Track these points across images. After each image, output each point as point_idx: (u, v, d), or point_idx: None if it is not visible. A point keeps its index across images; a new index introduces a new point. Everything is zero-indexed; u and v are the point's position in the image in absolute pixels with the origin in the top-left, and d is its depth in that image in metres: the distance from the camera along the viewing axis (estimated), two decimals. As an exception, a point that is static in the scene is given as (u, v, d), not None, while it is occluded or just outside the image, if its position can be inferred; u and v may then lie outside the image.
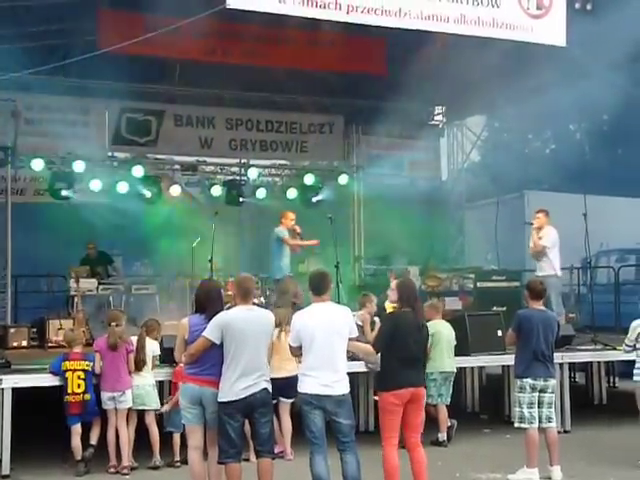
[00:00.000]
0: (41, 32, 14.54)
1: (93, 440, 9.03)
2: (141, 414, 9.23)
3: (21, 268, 15.20)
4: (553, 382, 8.65)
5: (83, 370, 8.98)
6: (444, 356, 10.38)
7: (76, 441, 8.91)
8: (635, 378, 9.35)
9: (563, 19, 11.20)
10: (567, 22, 11.25)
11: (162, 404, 9.43)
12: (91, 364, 9.04)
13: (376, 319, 10.77)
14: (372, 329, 10.43)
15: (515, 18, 11.06)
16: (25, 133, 15.96)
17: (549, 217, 13.27)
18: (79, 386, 8.91)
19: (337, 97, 19.17)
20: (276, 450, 8.12)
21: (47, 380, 9.11)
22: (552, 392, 8.63)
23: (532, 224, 13.23)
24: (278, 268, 13.30)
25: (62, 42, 14.69)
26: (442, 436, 10.25)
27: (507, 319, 11.22)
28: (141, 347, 9.20)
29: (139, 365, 9.16)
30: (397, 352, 7.33)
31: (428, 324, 10.25)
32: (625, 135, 27.38)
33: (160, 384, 9.59)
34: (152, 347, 9.36)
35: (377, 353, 7.61)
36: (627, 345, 9.52)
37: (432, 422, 10.11)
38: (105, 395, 9.03)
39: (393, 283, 12.29)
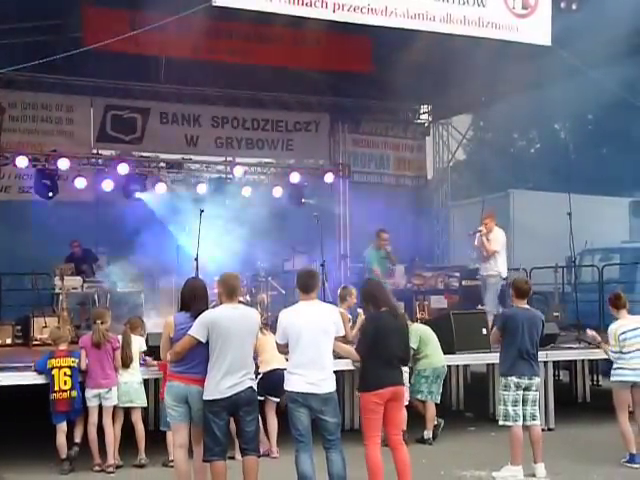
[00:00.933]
0: (26, 29, 14.49)
1: (77, 438, 8.99)
2: (127, 411, 9.20)
3: (5, 266, 15.11)
4: (537, 380, 8.69)
5: (69, 367, 8.94)
6: (436, 353, 10.42)
7: (61, 439, 8.86)
8: (612, 378, 9.41)
9: (548, 18, 11.24)
10: (552, 21, 11.29)
11: (148, 401, 9.40)
12: (77, 360, 9.01)
13: (359, 310, 10.75)
14: (354, 324, 10.43)
15: (501, 17, 11.10)
16: (9, 130, 15.92)
17: (495, 219, 13.71)
18: (65, 383, 8.87)
19: (323, 95, 19.19)
20: (261, 450, 8.12)
21: (31, 378, 9.06)
22: (536, 390, 8.67)
23: (480, 231, 13.51)
24: None
25: (47, 39, 14.64)
26: (428, 434, 10.27)
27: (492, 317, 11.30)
28: (127, 344, 9.19)
29: (126, 362, 9.14)
30: (379, 353, 7.32)
31: (413, 327, 10.32)
32: (610, 134, 27.55)
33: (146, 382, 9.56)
34: (139, 343, 9.35)
35: (359, 356, 7.62)
36: (613, 352, 9.47)
37: (418, 419, 10.15)
38: (90, 392, 9.00)
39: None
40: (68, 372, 8.91)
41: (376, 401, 7.27)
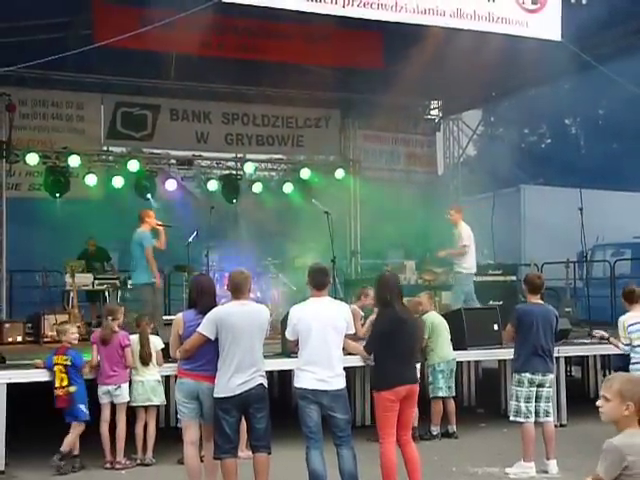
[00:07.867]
0: (37, 26, 14.51)
1: (64, 447, 8.72)
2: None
3: (16, 263, 15.18)
4: (551, 377, 8.65)
5: (64, 365, 8.85)
6: (446, 346, 10.38)
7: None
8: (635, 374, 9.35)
9: (558, 13, 11.17)
10: (562, 16, 11.23)
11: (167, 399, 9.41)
12: (70, 358, 8.86)
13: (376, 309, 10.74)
14: (364, 323, 10.40)
15: (511, 12, 11.03)
16: (20, 127, 15.94)
17: (462, 214, 13.77)
18: (62, 379, 8.82)
19: (333, 91, 19.15)
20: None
21: (41, 375, 9.06)
22: (550, 386, 8.63)
23: None
24: None
25: (58, 36, 14.65)
26: (452, 428, 10.28)
27: (503, 313, 11.25)
28: (145, 341, 9.13)
29: (145, 360, 9.10)
30: (391, 351, 7.26)
31: (426, 315, 10.29)
32: (621, 129, 27.47)
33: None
34: (155, 342, 9.28)
35: (369, 354, 7.58)
36: (624, 344, 9.45)
37: (424, 416, 10.12)
38: (100, 389, 9.00)
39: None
40: (62, 370, 8.85)
41: (390, 398, 7.18)
